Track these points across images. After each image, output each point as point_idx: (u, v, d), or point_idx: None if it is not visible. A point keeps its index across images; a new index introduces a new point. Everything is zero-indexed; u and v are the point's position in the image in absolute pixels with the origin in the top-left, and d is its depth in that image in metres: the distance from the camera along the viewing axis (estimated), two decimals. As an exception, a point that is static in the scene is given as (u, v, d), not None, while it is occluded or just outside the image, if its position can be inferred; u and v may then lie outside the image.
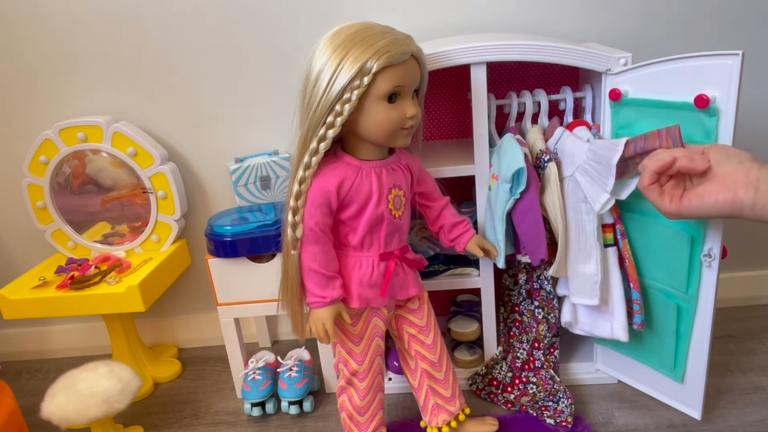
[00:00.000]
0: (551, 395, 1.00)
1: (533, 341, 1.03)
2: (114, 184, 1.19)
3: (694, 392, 0.93)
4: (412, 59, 0.77)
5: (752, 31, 1.12)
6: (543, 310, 1.01)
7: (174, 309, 1.37)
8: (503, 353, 1.08)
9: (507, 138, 0.93)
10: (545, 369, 1.02)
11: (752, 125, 1.18)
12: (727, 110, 0.75)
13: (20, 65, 1.18)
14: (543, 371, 1.03)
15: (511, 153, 0.89)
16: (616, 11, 1.12)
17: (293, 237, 0.80)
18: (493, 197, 0.95)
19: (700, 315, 0.87)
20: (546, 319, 1.01)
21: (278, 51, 1.16)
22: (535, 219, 0.90)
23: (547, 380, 1.02)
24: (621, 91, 0.88)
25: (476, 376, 1.09)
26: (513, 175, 0.88)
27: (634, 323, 0.94)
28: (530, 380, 1.04)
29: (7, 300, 1.08)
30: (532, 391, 1.03)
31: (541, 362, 1.03)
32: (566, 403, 0.98)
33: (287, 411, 1.08)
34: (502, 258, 0.96)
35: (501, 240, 0.94)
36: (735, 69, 0.73)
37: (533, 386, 1.03)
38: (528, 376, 1.04)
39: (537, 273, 1.00)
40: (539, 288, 1.01)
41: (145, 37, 1.15)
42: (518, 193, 0.89)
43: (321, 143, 0.77)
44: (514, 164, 0.87)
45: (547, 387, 1.01)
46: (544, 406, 1.00)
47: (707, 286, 0.85)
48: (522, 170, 0.87)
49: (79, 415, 0.91)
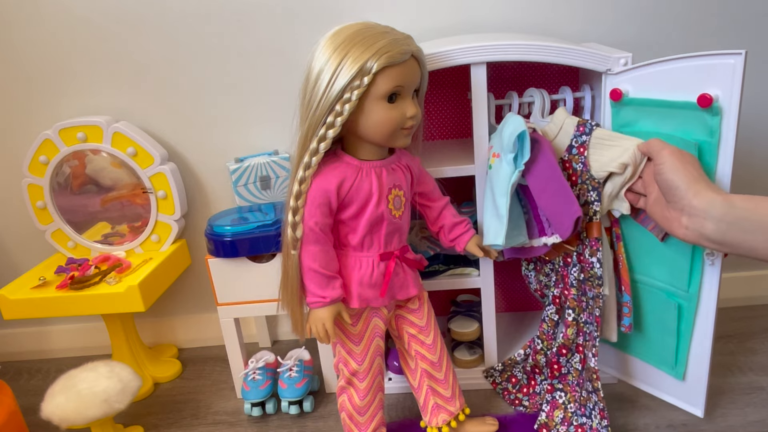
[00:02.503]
0: (582, 407, 0.93)
1: (560, 347, 0.97)
2: (114, 184, 1.19)
3: (697, 390, 0.93)
4: (413, 59, 0.77)
5: (752, 30, 1.12)
6: (574, 312, 0.95)
7: (174, 309, 1.37)
8: (525, 355, 1.04)
9: (509, 115, 0.89)
10: (572, 375, 0.97)
11: (754, 124, 1.18)
12: (730, 109, 0.75)
13: (20, 65, 1.18)
14: (570, 377, 0.97)
15: (512, 123, 0.85)
16: (616, 11, 1.12)
17: (293, 237, 0.80)
18: (494, 174, 0.89)
19: (702, 313, 0.87)
20: (576, 322, 0.95)
21: (278, 51, 1.16)
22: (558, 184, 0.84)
23: (574, 387, 0.96)
24: (622, 91, 0.88)
25: (493, 371, 1.07)
26: (516, 140, 0.83)
27: (623, 325, 0.95)
28: (556, 388, 0.99)
29: (7, 300, 1.08)
30: (561, 400, 0.96)
31: (567, 369, 0.98)
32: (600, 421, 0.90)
33: (287, 411, 1.08)
34: (502, 234, 0.85)
35: (504, 216, 0.85)
36: (738, 68, 0.74)
37: (561, 394, 0.97)
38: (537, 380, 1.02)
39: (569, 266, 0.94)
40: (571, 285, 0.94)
41: (145, 37, 1.15)
42: (522, 165, 0.84)
43: (321, 143, 0.77)
44: (515, 130, 0.83)
45: (575, 396, 0.95)
46: (579, 426, 0.92)
47: (710, 284, 0.85)
48: (525, 133, 0.82)
49: (79, 415, 0.91)
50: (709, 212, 0.68)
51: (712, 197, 0.69)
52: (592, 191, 0.88)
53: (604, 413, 0.91)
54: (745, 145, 0.73)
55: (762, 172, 1.23)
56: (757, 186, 1.24)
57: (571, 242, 0.92)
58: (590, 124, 0.89)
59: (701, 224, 0.69)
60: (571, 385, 0.97)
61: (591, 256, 0.91)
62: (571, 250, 0.93)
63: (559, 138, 0.92)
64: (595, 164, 0.88)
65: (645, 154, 0.82)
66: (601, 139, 0.88)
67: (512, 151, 0.84)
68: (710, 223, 0.68)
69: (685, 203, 0.71)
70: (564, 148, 0.91)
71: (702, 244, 0.71)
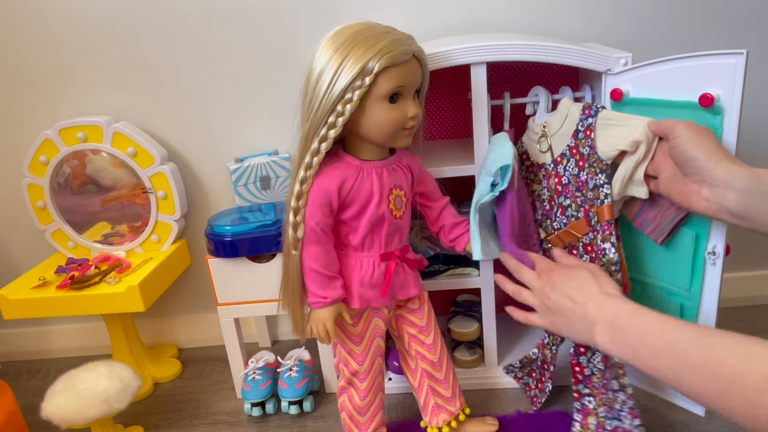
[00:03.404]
0: (610, 408, 0.88)
1: (576, 345, 0.91)
2: (114, 184, 1.19)
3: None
4: (414, 59, 0.77)
5: (753, 30, 1.13)
6: None
7: (174, 309, 1.37)
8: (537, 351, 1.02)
9: (501, 135, 0.91)
10: (597, 377, 0.91)
11: (755, 123, 1.18)
12: (732, 109, 0.76)
13: (20, 65, 1.18)
14: (595, 378, 0.91)
15: (501, 147, 0.86)
16: (616, 11, 1.12)
17: (294, 237, 0.80)
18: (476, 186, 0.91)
19: (704, 312, 0.87)
20: None
21: (279, 51, 1.16)
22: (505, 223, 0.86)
23: (600, 389, 0.90)
24: (622, 91, 0.88)
25: (512, 367, 1.07)
26: (497, 172, 0.84)
27: None
28: (583, 393, 0.92)
29: (7, 300, 1.08)
30: (591, 405, 0.90)
31: (591, 370, 0.91)
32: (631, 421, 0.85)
33: (287, 411, 1.08)
34: (476, 248, 0.89)
35: (474, 230, 0.89)
36: (739, 68, 0.74)
37: (590, 398, 0.91)
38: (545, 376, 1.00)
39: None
40: None
41: (146, 37, 1.15)
42: (498, 192, 0.85)
43: (322, 143, 0.77)
44: (501, 159, 0.83)
45: (603, 398, 0.89)
46: (612, 431, 0.87)
47: (711, 284, 0.85)
48: (508, 167, 0.83)
49: (79, 415, 0.91)
50: (731, 183, 0.67)
51: (735, 168, 0.67)
52: (600, 174, 0.86)
53: (634, 411, 0.87)
54: (745, 143, 0.72)
55: (762, 172, 1.23)
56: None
57: (581, 229, 0.90)
58: (596, 106, 0.88)
59: (722, 195, 0.68)
60: (597, 387, 0.91)
61: (603, 242, 0.88)
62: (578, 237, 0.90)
63: (565, 127, 0.91)
64: (601, 145, 0.85)
65: (657, 134, 0.79)
66: (608, 120, 0.85)
67: (491, 175, 0.85)
68: (732, 194, 0.67)
69: (705, 174, 0.69)
70: (570, 134, 0.90)
71: (721, 218, 0.70)
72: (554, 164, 0.93)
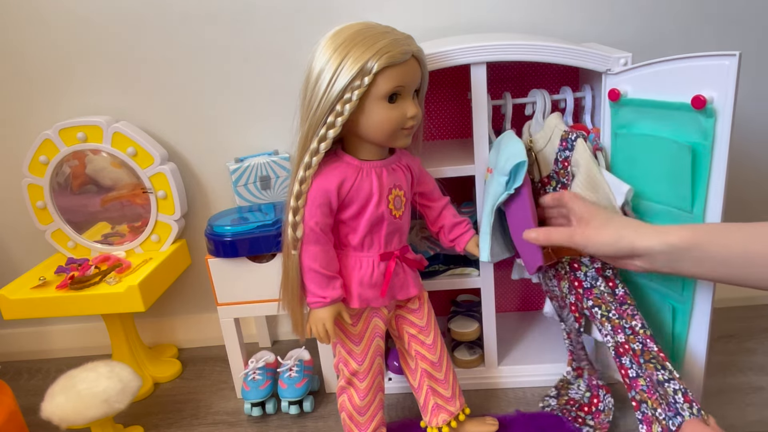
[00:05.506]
0: (667, 405, 0.81)
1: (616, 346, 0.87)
2: (114, 184, 1.19)
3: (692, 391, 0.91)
4: (413, 59, 0.77)
5: (752, 31, 1.12)
6: (601, 309, 0.89)
7: (174, 309, 1.37)
8: (575, 372, 1.02)
9: (508, 133, 0.92)
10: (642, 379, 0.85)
11: (750, 126, 1.18)
12: (725, 111, 0.75)
13: (20, 65, 1.18)
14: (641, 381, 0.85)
15: (512, 146, 0.86)
16: (616, 11, 1.12)
17: (294, 237, 0.80)
18: (486, 189, 0.93)
19: (698, 314, 0.87)
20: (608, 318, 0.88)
21: (278, 51, 1.16)
22: (524, 217, 0.86)
23: (650, 391, 0.84)
24: (620, 91, 0.88)
25: (548, 399, 1.02)
26: (512, 170, 0.84)
27: None
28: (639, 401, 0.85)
29: (7, 300, 1.08)
30: (650, 412, 0.84)
31: (636, 372, 0.85)
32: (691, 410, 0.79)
33: (287, 411, 1.08)
34: (486, 250, 0.91)
35: (486, 233, 0.90)
36: (732, 70, 0.73)
37: (645, 405, 0.85)
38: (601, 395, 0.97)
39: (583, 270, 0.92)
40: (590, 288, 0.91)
41: (146, 37, 1.15)
42: (513, 189, 0.85)
43: (321, 143, 0.77)
44: (514, 157, 0.84)
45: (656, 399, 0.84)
46: (678, 428, 0.81)
47: (704, 287, 0.85)
48: (523, 164, 0.83)
49: (79, 415, 0.91)
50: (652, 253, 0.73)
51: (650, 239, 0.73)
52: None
53: (688, 396, 0.80)
54: (739, 147, 0.72)
55: (756, 174, 1.23)
56: (751, 189, 1.23)
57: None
58: (571, 138, 0.89)
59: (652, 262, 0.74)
60: (647, 390, 0.84)
61: None
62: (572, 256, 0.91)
63: (548, 149, 0.93)
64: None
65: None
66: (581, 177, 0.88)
67: (505, 174, 0.85)
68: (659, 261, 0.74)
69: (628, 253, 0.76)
70: (552, 159, 0.92)
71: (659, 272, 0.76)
72: (542, 184, 0.95)
